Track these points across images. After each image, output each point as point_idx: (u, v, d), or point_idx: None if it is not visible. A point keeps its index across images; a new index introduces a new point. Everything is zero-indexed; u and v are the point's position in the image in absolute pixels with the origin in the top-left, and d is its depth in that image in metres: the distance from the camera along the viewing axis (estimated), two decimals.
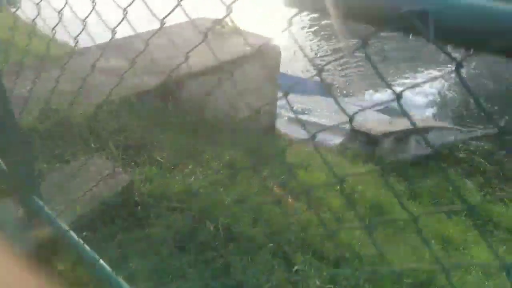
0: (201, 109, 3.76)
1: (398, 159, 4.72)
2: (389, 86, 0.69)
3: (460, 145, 5.93)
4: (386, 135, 4.62)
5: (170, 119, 3.45)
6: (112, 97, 3.39)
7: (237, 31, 4.96)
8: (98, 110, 3.07)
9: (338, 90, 9.12)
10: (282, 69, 6.46)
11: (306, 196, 2.79)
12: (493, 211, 3.91)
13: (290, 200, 2.74)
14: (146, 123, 3.26)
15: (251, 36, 4.83)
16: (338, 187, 3.02)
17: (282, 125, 5.35)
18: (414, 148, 5.34)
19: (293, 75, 7.99)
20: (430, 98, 8.96)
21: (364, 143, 4.59)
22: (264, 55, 4.56)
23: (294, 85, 7.66)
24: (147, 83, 3.59)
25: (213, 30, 4.91)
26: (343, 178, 0.78)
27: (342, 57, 11.05)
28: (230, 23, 5.13)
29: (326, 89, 8.80)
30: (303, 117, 6.16)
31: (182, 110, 3.60)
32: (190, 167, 2.84)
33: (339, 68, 10.50)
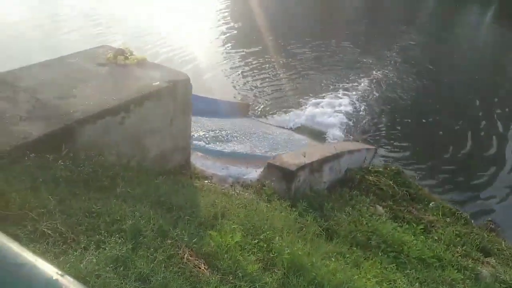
0: (101, 158, 3.32)
1: (314, 191, 4.73)
2: None
3: (370, 167, 6.19)
4: (301, 167, 4.60)
5: (62, 176, 2.98)
6: None
7: (142, 62, 4.58)
8: None
9: (255, 111, 9.10)
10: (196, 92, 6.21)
11: (221, 261, 2.55)
12: (404, 241, 4.05)
13: (203, 268, 2.48)
14: (30, 185, 2.76)
15: (158, 68, 4.49)
16: (255, 243, 2.84)
17: (198, 160, 5.07)
18: (329, 175, 5.43)
19: (207, 97, 7.74)
20: (340, 116, 9.35)
21: (281, 178, 4.51)
22: (174, 88, 4.24)
23: (209, 108, 7.44)
24: (32, 132, 3.07)
25: (115, 61, 4.48)
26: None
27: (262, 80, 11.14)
28: (134, 53, 4.75)
29: (243, 111, 8.72)
30: (219, 147, 5.94)
31: (77, 162, 3.13)
32: (83, 240, 2.43)
33: (258, 89, 10.53)
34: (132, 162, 3.80)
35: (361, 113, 9.92)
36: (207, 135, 6.30)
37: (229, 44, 14.12)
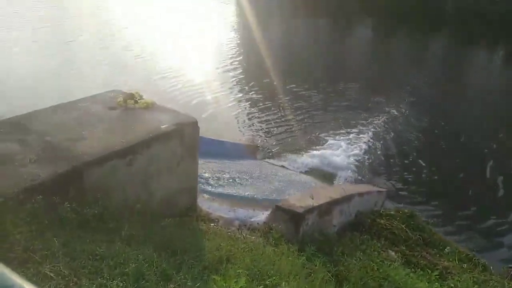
0: (108, 200, 3.33)
1: (323, 235, 4.62)
2: None
3: (382, 210, 6.06)
4: (310, 210, 4.53)
5: (68, 218, 2.98)
6: None
7: (151, 106, 4.70)
8: None
9: (264, 153, 9.13)
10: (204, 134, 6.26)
11: None
12: None
13: None
14: (36, 227, 2.76)
15: (166, 111, 4.58)
16: None
17: (204, 202, 5.04)
18: (338, 218, 5.32)
19: (215, 139, 7.82)
20: (351, 158, 9.30)
21: (288, 220, 4.44)
22: (181, 131, 4.30)
23: (217, 150, 7.48)
24: (40, 174, 3.11)
25: (125, 105, 4.60)
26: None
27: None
28: (144, 97, 4.88)
29: (251, 153, 8.76)
30: (226, 189, 5.92)
31: (84, 204, 3.14)
32: (86, 283, 2.38)
33: (266, 130, 10.63)
34: (138, 204, 3.79)
35: (372, 154, 9.85)
36: (214, 177, 6.30)
37: (237, 86, 14.45)
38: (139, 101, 4.66)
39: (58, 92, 10.81)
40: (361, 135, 10.69)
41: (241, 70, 16.30)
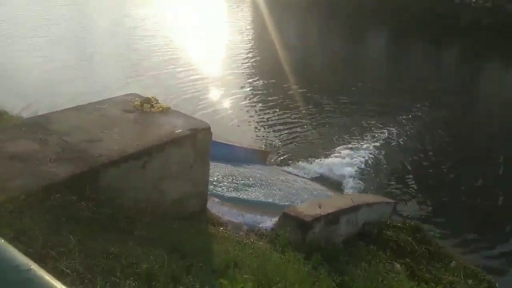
0: (121, 200, 3.44)
1: (329, 244, 4.67)
2: None
3: (389, 222, 6.09)
4: (317, 219, 4.59)
5: (83, 216, 3.09)
6: (16, 191, 2.99)
7: (166, 111, 4.82)
8: None
9: (274, 158, 9.22)
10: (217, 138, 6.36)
11: None
12: None
13: None
14: (54, 225, 2.88)
15: (180, 116, 4.70)
16: None
17: (214, 206, 5.14)
18: (345, 228, 5.37)
19: (226, 143, 7.92)
20: (360, 167, 9.33)
21: (295, 228, 4.51)
22: (194, 136, 4.41)
23: (228, 154, 7.58)
24: (59, 173, 3.24)
25: (141, 109, 4.72)
26: None
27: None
28: (159, 102, 5.01)
29: (261, 158, 8.84)
30: (236, 193, 6.01)
31: (99, 204, 3.26)
32: (100, 281, 2.49)
33: (277, 136, 10.73)
34: (150, 206, 3.90)
35: (382, 165, 9.87)
36: (224, 181, 6.39)
37: (249, 90, 14.57)
38: (155, 105, 4.79)
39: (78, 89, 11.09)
40: (371, 144, 10.71)
41: (254, 75, 16.43)
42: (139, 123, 4.35)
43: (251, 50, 20.84)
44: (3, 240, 0.82)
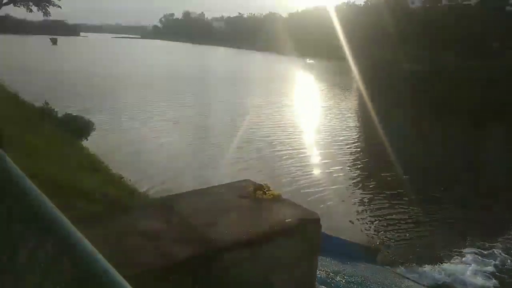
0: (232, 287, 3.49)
1: None
2: None
3: None
4: None
5: None
6: (139, 268, 3.26)
7: (277, 198, 4.95)
8: None
9: (385, 257, 8.52)
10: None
11: None
12: None
13: None
14: None
15: (290, 205, 4.77)
16: None
17: None
18: None
19: (334, 236, 7.65)
20: (489, 277, 8.04)
21: None
22: (304, 227, 4.39)
23: (336, 248, 7.28)
24: (178, 254, 3.46)
25: (254, 195, 4.93)
26: None
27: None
28: (271, 189, 5.19)
29: (371, 255, 8.25)
30: None
31: None
32: None
33: (389, 232, 10.04)
34: None
35: (508, 275, 8.40)
36: (329, 277, 6.05)
37: (359, 180, 14.23)
38: (267, 192, 4.97)
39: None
40: (497, 251, 9.27)
41: (361, 165, 16.17)
42: (252, 209, 4.53)
43: (357, 138, 20.82)
44: None
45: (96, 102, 25.74)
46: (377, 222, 10.75)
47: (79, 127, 14.47)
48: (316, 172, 14.69)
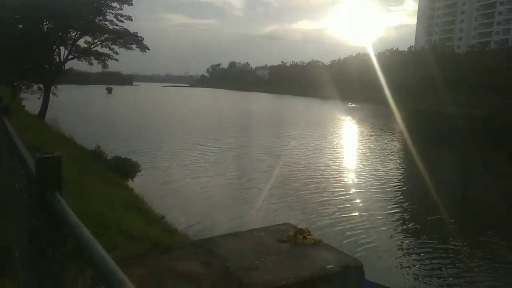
0: None
1: None
2: None
3: None
4: None
5: None
6: None
7: (318, 243, 4.81)
8: None
9: None
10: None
11: None
12: None
13: None
14: None
15: (332, 251, 4.62)
16: None
17: None
18: None
19: (378, 283, 7.24)
20: None
21: None
22: (346, 274, 4.21)
23: None
24: None
25: (294, 239, 4.84)
26: None
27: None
28: (312, 234, 5.07)
29: None
30: None
31: None
32: None
33: (435, 280, 9.36)
34: None
35: None
36: None
37: (402, 225, 13.54)
38: (307, 237, 4.86)
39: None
40: None
41: (405, 208, 15.47)
42: (292, 254, 4.43)
43: (400, 180, 20.09)
44: None
45: (143, 144, 26.92)
46: (421, 267, 10.07)
47: (126, 169, 15.27)
48: (358, 216, 14.20)
